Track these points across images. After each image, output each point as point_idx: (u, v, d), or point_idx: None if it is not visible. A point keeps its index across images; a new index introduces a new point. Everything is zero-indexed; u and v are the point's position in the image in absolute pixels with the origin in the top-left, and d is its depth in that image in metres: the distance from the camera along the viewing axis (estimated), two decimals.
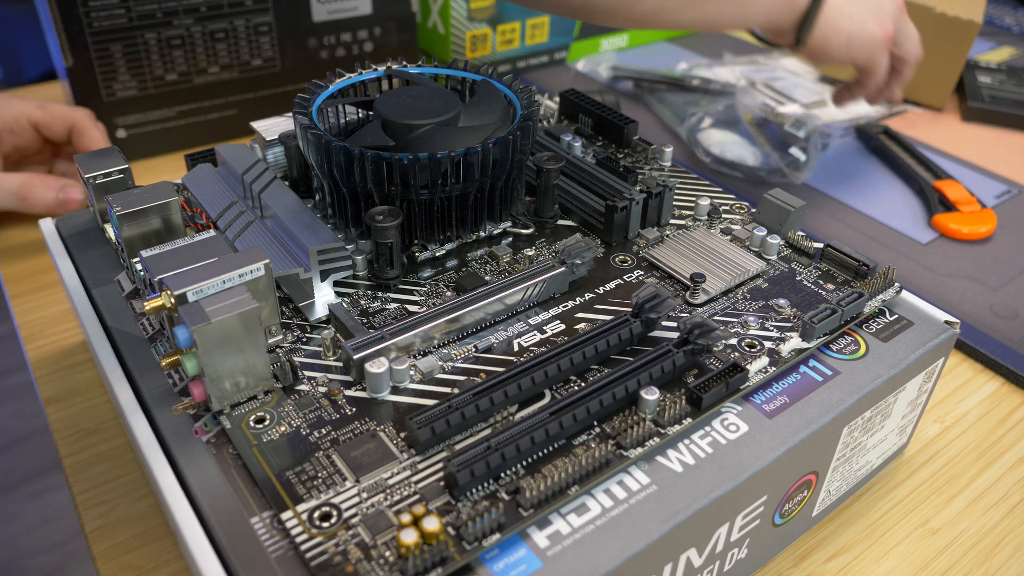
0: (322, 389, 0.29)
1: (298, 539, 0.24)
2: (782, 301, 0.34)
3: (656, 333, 0.32)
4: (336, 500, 0.25)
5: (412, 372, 0.30)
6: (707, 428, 0.28)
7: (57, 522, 1.12)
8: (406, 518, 0.23)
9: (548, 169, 0.37)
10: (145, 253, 0.30)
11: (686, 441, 0.28)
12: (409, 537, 0.23)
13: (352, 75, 0.39)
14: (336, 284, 0.34)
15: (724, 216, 0.40)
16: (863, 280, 0.35)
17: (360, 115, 0.40)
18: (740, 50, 0.81)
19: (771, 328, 0.32)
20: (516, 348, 0.31)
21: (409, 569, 0.22)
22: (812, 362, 0.32)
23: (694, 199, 0.41)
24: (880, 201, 0.57)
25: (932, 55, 0.69)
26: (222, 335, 0.26)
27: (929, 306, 0.34)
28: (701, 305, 0.34)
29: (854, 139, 0.65)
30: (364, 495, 0.25)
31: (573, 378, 0.30)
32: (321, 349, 0.31)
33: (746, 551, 0.30)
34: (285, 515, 0.24)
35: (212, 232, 0.32)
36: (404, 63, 0.41)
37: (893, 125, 0.68)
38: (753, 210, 0.40)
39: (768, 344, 0.31)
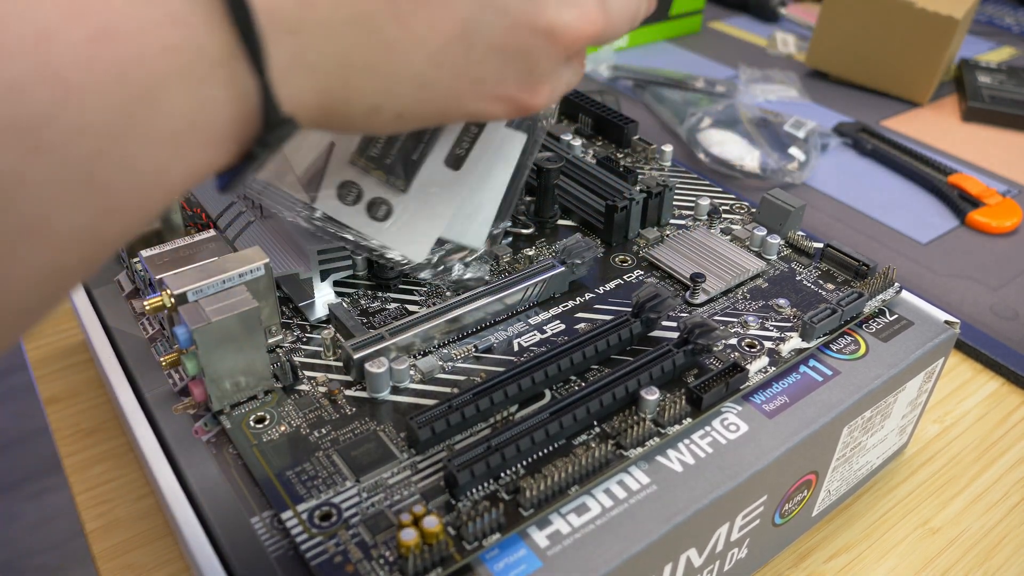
0: (322, 389, 0.29)
1: (298, 539, 0.24)
2: (782, 301, 0.34)
3: (656, 333, 0.32)
4: (336, 500, 0.25)
5: (412, 372, 0.30)
6: (707, 428, 0.28)
7: (57, 522, 1.12)
8: (406, 518, 0.23)
9: (548, 169, 0.37)
10: (145, 253, 0.30)
11: (686, 441, 0.28)
12: (409, 537, 0.23)
13: None
14: (336, 284, 0.34)
15: (724, 216, 0.39)
16: (863, 280, 0.35)
17: None
18: (753, 60, 0.79)
19: (771, 328, 0.32)
20: (516, 348, 0.31)
21: (409, 569, 0.22)
22: (812, 362, 0.31)
23: (694, 199, 0.41)
24: (886, 201, 0.57)
25: (912, 50, 0.69)
26: (222, 335, 0.26)
27: (929, 306, 0.34)
28: (701, 305, 0.34)
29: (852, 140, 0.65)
30: (364, 495, 0.25)
31: (573, 378, 0.30)
32: (321, 349, 0.31)
33: (746, 551, 0.30)
34: (285, 515, 0.24)
35: (212, 232, 0.32)
36: None
37: (892, 125, 0.68)
38: (753, 210, 0.40)
39: (768, 344, 0.31)
